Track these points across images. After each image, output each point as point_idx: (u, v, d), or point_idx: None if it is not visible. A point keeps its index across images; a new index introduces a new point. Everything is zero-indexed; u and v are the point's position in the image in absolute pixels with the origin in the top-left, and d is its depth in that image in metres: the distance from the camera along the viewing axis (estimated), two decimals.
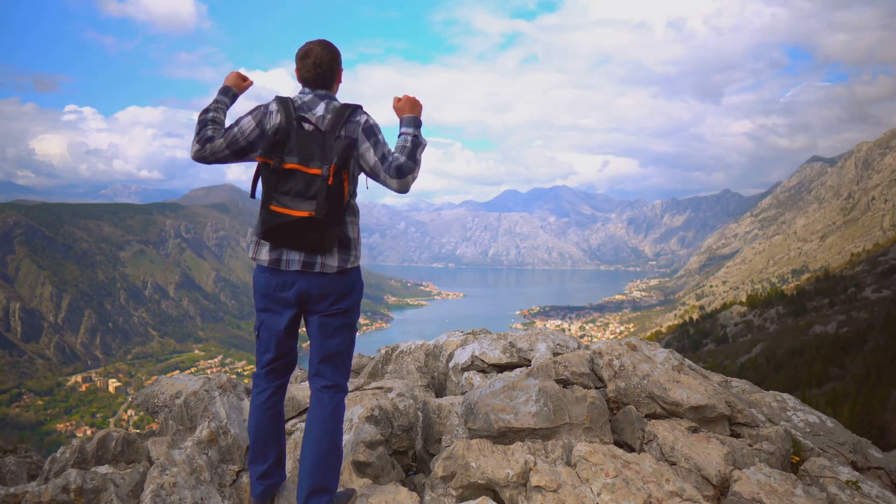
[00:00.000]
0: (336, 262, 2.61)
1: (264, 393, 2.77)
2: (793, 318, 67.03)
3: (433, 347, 5.35)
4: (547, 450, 3.00)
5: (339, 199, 2.47)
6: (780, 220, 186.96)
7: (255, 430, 2.76)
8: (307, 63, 2.66)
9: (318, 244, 2.50)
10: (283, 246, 2.56)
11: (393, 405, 3.69)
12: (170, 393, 3.81)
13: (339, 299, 2.67)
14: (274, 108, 2.61)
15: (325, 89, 2.70)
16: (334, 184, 2.43)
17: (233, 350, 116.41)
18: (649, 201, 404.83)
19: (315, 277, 2.60)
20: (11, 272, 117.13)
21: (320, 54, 2.67)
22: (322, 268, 2.59)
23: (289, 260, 2.59)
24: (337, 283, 2.64)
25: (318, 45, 2.68)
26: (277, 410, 2.80)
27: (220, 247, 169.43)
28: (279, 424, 2.82)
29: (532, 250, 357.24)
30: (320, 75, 2.68)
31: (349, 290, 2.70)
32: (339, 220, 2.52)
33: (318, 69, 2.66)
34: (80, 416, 79.13)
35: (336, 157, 2.42)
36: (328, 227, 2.47)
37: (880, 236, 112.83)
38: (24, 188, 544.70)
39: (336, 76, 2.74)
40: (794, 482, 2.82)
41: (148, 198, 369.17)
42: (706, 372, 4.58)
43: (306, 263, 2.58)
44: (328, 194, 2.41)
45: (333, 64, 2.70)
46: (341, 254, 2.63)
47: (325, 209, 2.41)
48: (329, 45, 2.71)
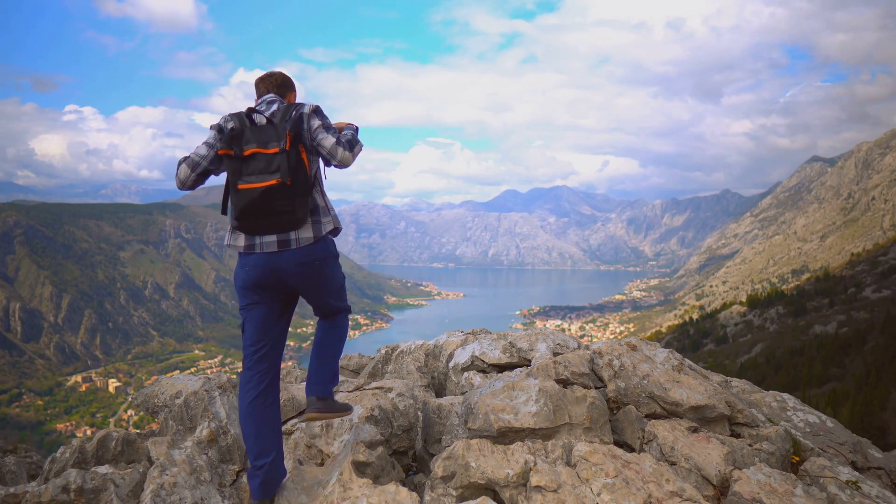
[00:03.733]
0: (311, 233, 2.76)
1: (254, 388, 2.83)
2: (793, 318, 67.00)
3: (433, 347, 5.35)
4: (547, 450, 3.00)
5: (301, 168, 2.68)
6: (780, 220, 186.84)
7: (251, 426, 2.80)
8: (266, 82, 3.02)
9: (291, 214, 2.67)
10: (256, 231, 2.71)
11: (393, 405, 3.69)
12: (170, 393, 3.81)
13: (317, 271, 2.82)
14: (227, 118, 2.86)
15: (278, 96, 3.00)
16: (292, 152, 2.65)
17: (233, 350, 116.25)
18: (649, 201, 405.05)
19: (291, 255, 2.72)
20: (11, 272, 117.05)
21: (278, 75, 3.06)
22: (297, 243, 2.72)
23: (262, 243, 2.72)
24: (314, 257, 2.77)
25: (275, 71, 3.09)
26: (270, 404, 2.85)
27: (219, 247, 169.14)
28: (274, 420, 2.86)
29: (532, 250, 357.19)
30: (273, 85, 3.02)
31: (324, 257, 2.82)
32: (306, 188, 2.71)
33: (273, 81, 3.03)
34: (80, 416, 79.09)
35: (290, 129, 2.67)
36: (297, 194, 2.65)
37: (880, 236, 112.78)
38: (24, 188, 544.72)
39: (289, 94, 3.07)
40: (794, 482, 2.82)
41: (148, 198, 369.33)
42: (706, 372, 4.58)
43: (281, 242, 2.71)
44: (290, 164, 2.62)
45: (287, 82, 3.07)
46: (314, 223, 2.78)
47: (290, 177, 2.61)
48: (285, 74, 3.10)
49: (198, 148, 2.85)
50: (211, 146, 2.82)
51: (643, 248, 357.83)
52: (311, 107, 2.83)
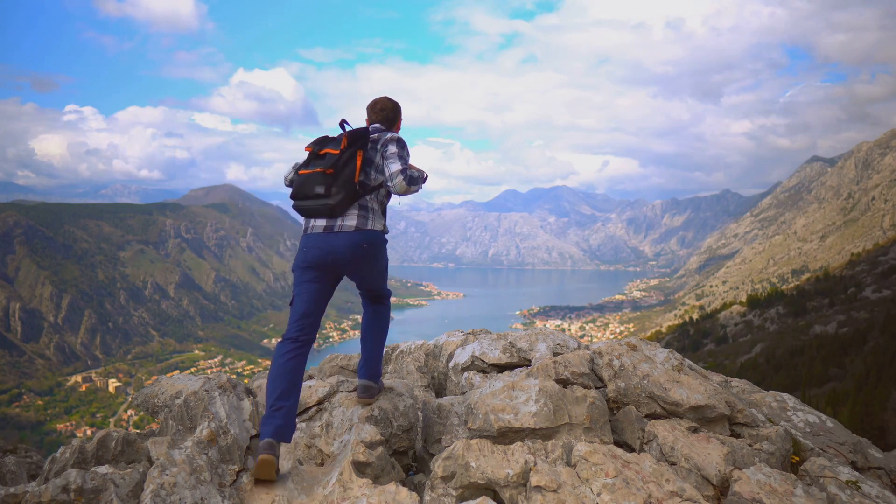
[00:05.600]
0: (354, 223, 3.23)
1: (290, 352, 3.21)
2: (793, 318, 66.95)
3: (433, 347, 5.35)
4: (547, 450, 3.00)
5: (349, 166, 3.18)
6: (780, 220, 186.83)
7: (276, 378, 3.15)
8: (375, 109, 3.63)
9: (325, 199, 3.15)
10: (308, 214, 3.26)
11: (393, 405, 3.69)
12: (170, 393, 3.81)
13: (365, 253, 3.26)
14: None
15: (386, 126, 3.59)
16: (346, 152, 3.17)
17: (233, 350, 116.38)
18: (649, 201, 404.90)
19: (342, 236, 3.20)
20: (11, 272, 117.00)
21: (382, 102, 3.65)
22: (340, 228, 3.21)
23: (314, 226, 3.27)
24: (361, 238, 3.22)
25: (384, 97, 3.70)
26: (298, 366, 3.22)
27: (220, 247, 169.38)
28: (297, 380, 3.20)
29: (532, 250, 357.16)
30: (383, 118, 3.61)
31: (372, 242, 3.28)
32: (347, 183, 3.18)
33: (383, 112, 3.62)
34: (80, 416, 79.07)
35: (347, 136, 3.21)
36: (334, 183, 3.15)
37: (880, 236, 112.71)
38: (24, 188, 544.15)
39: (396, 122, 3.67)
40: (794, 482, 2.82)
41: (148, 198, 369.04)
42: (706, 372, 4.58)
43: (328, 227, 3.23)
44: (338, 159, 3.16)
45: (389, 109, 3.64)
46: (360, 217, 3.26)
47: (334, 168, 3.14)
48: (392, 99, 3.68)
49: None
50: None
51: (643, 248, 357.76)
52: (393, 136, 3.40)
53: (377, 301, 3.67)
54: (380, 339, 3.70)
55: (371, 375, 3.68)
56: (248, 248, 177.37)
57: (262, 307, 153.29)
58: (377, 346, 3.67)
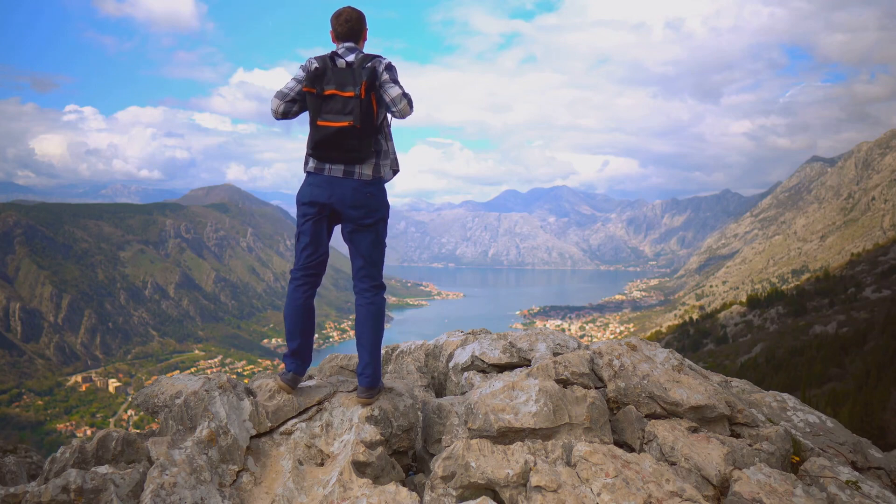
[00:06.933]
0: (371, 171, 3.34)
1: (301, 287, 3.51)
2: (793, 318, 66.91)
3: (433, 347, 5.35)
4: (547, 450, 3.00)
5: (371, 114, 3.20)
6: (780, 220, 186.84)
7: (292, 317, 3.52)
8: (340, 20, 3.42)
9: (357, 151, 3.20)
10: (328, 160, 3.29)
11: (393, 405, 3.68)
12: (170, 393, 3.80)
13: (369, 212, 3.37)
14: (312, 59, 3.33)
15: (354, 42, 3.43)
16: (365, 100, 3.15)
17: (233, 350, 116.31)
18: (649, 201, 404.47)
19: (351, 183, 3.30)
20: (11, 272, 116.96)
21: (349, 13, 3.44)
22: (360, 175, 3.31)
23: (331, 168, 3.31)
24: (368, 190, 3.33)
25: (347, 7, 3.47)
26: (310, 306, 3.57)
27: (220, 247, 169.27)
28: (310, 319, 3.59)
29: (532, 250, 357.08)
30: (350, 29, 3.41)
31: (378, 206, 3.41)
32: (373, 131, 3.24)
33: (348, 23, 3.41)
34: (80, 416, 79.01)
35: (365, 79, 3.15)
36: (364, 135, 3.18)
37: (880, 236, 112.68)
38: (24, 188, 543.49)
39: (362, 33, 3.48)
40: (794, 482, 2.82)
41: (148, 198, 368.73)
42: (706, 372, 4.58)
43: (347, 172, 3.30)
44: (362, 109, 3.13)
45: (360, 21, 3.46)
46: (376, 165, 3.36)
47: (361, 121, 3.14)
48: (356, 9, 3.49)
49: (287, 82, 3.41)
50: (298, 81, 3.34)
51: (643, 248, 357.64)
52: (382, 61, 3.32)
53: (371, 290, 3.58)
54: (377, 337, 3.66)
55: (371, 375, 3.68)
56: (248, 248, 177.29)
57: (262, 307, 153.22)
58: (375, 344, 3.65)
